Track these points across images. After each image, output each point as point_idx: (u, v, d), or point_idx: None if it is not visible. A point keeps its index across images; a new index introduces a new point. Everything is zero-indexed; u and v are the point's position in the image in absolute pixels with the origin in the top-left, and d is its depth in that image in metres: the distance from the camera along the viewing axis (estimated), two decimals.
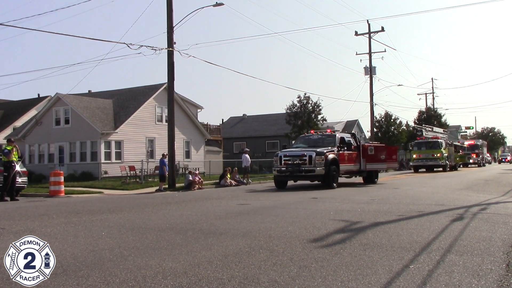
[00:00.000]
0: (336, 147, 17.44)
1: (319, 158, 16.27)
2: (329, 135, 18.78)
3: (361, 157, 18.94)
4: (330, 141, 17.94)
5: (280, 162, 17.08)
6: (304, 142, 18.88)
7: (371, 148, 19.49)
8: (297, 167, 16.57)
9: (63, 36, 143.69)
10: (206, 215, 8.71)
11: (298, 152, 17.22)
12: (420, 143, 37.06)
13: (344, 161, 17.68)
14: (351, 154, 18.42)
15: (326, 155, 16.46)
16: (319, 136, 18.95)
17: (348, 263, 4.58)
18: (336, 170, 16.97)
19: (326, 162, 16.29)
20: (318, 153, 16.43)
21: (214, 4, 21.65)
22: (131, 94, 34.71)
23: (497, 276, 4.10)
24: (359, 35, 40.91)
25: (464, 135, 64.69)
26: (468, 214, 8.34)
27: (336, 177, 17.03)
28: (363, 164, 19.00)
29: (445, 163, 35.38)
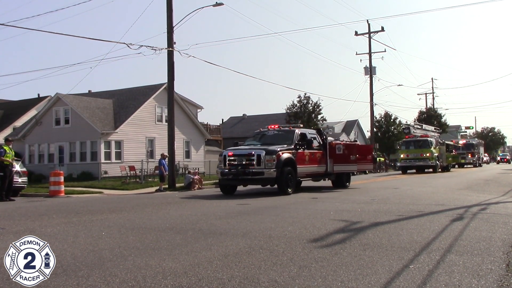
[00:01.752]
0: (293, 145, 14.67)
1: (269, 158, 13.54)
2: (287, 131, 15.89)
3: (327, 157, 16.28)
4: (288, 137, 15.10)
5: (224, 163, 14.27)
6: (259, 139, 16.03)
7: (339, 147, 16.71)
8: (242, 168, 13.75)
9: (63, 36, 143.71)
10: (206, 215, 8.71)
11: (245, 150, 14.29)
12: (408, 142, 34.70)
13: (304, 162, 14.95)
14: (315, 154, 15.66)
15: (279, 155, 13.75)
16: (275, 132, 16.05)
17: (348, 263, 4.58)
18: (292, 172, 14.13)
19: (278, 162, 13.58)
20: (269, 151, 13.71)
21: (214, 4, 21.65)
22: (131, 94, 34.71)
23: (497, 276, 4.10)
24: (359, 35, 40.93)
25: (464, 135, 64.64)
26: (468, 214, 8.34)
27: (293, 180, 14.20)
28: (330, 166, 16.32)
29: (435, 163, 32.89)
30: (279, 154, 13.81)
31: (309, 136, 15.88)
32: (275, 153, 13.76)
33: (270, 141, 15.24)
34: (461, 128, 74.77)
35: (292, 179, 14.16)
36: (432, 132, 37.96)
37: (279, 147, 14.16)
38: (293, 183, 14.27)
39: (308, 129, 17.17)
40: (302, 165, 14.82)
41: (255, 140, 16.02)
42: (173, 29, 21.27)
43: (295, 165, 14.29)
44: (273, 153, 13.74)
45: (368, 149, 20.16)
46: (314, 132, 16.83)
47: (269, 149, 13.92)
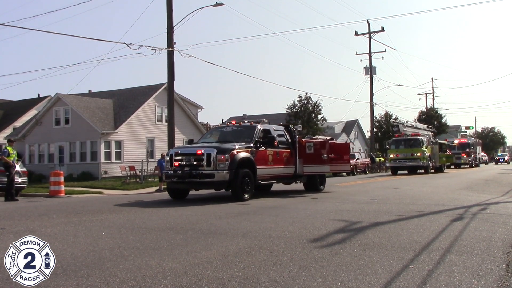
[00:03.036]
0: (253, 142, 12.67)
1: (221, 158, 11.50)
2: (247, 127, 13.83)
3: (296, 157, 14.42)
4: (248, 134, 13.14)
5: (171, 163, 12.28)
6: (215, 136, 14.37)
7: (310, 145, 14.65)
8: (190, 170, 11.72)
9: (63, 36, 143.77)
10: (206, 215, 8.71)
11: (193, 149, 12.28)
12: (398, 141, 32.48)
13: (266, 162, 12.96)
14: (280, 153, 13.71)
15: (233, 154, 11.71)
16: (233, 128, 14.17)
17: (348, 263, 4.58)
18: (250, 174, 12.10)
19: (232, 163, 11.57)
20: (221, 150, 11.71)
21: (214, 4, 21.68)
22: (131, 94, 34.72)
23: (497, 276, 4.10)
24: (359, 35, 40.99)
25: (464, 135, 64.48)
26: (468, 214, 8.34)
27: (250, 184, 12.10)
28: (299, 166, 14.44)
29: (427, 163, 30.63)
30: (233, 153, 11.75)
31: (274, 132, 13.99)
32: (228, 151, 11.70)
33: (227, 138, 13.45)
34: (461, 128, 74.70)
35: (250, 183, 12.06)
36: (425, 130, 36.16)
37: (235, 145, 12.18)
38: (251, 188, 12.12)
39: (275, 125, 15.09)
40: (264, 166, 12.86)
41: (211, 137, 14.40)
42: (173, 29, 21.28)
43: (254, 166, 12.28)
44: (225, 152, 11.66)
45: (345, 148, 17.52)
46: (281, 128, 14.81)
47: (221, 147, 11.96)
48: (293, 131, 14.93)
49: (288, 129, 15.04)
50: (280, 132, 14.45)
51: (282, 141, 14.07)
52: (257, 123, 13.88)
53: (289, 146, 14.35)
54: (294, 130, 14.94)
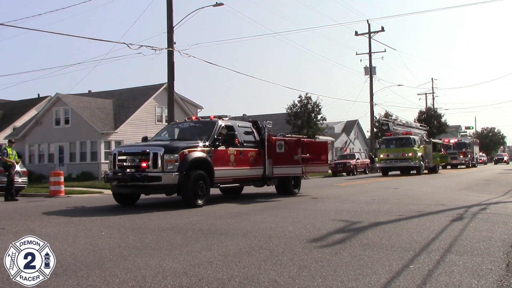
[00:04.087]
0: (211, 140, 11.14)
1: (169, 158, 10.05)
2: (206, 123, 12.30)
3: (265, 157, 12.95)
4: (205, 131, 11.55)
5: (114, 164, 10.72)
6: (172, 133, 12.90)
7: (280, 144, 13.04)
8: (133, 172, 10.21)
9: (63, 36, 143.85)
10: (206, 215, 8.71)
11: (137, 148, 10.86)
12: (388, 140, 30.60)
13: (227, 163, 11.53)
14: (245, 152, 12.22)
15: (183, 153, 10.21)
16: (191, 125, 12.75)
17: (348, 263, 4.58)
18: (205, 177, 10.61)
19: (182, 164, 10.09)
20: (169, 149, 10.23)
21: (214, 4, 21.69)
22: (131, 94, 34.74)
23: (497, 276, 4.11)
24: (359, 35, 40.97)
25: (464, 135, 64.40)
26: (468, 214, 8.34)
27: (205, 188, 10.60)
28: (268, 167, 12.95)
29: (419, 164, 28.65)
30: (184, 152, 10.26)
31: (240, 129, 12.57)
32: (177, 151, 10.21)
33: (183, 135, 12.24)
34: (461, 128, 74.65)
35: (205, 187, 10.58)
36: (417, 129, 34.28)
37: (188, 143, 10.82)
38: (206, 192, 10.65)
39: (240, 120, 13.62)
40: (224, 167, 11.39)
41: (167, 135, 12.85)
42: (173, 29, 21.28)
43: (210, 168, 10.79)
44: (174, 151, 10.18)
45: (323, 147, 15.66)
46: (249, 125, 13.27)
47: (170, 145, 10.50)
48: (262, 128, 13.36)
49: (256, 125, 13.47)
50: (247, 129, 12.99)
51: (248, 139, 12.67)
52: (218, 119, 12.24)
53: (257, 145, 12.89)
54: (264, 127, 13.32)
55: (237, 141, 11.89)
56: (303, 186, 16.85)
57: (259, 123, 13.63)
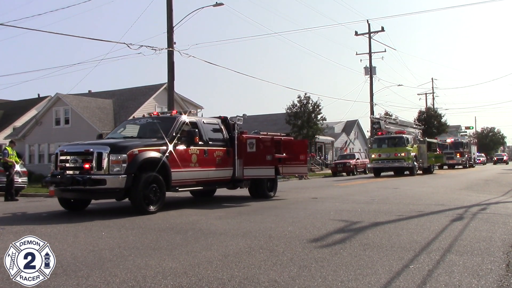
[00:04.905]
0: (170, 138, 9.98)
1: (116, 159, 8.88)
2: (165, 118, 11.18)
3: (235, 157, 11.79)
4: (165, 127, 10.33)
5: (56, 165, 9.54)
6: (128, 131, 11.58)
7: (252, 142, 11.89)
8: (75, 174, 9.05)
9: (63, 36, 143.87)
10: (206, 215, 8.71)
11: (80, 146, 9.63)
12: (380, 139, 29.15)
13: (188, 164, 10.31)
14: (211, 152, 11.01)
15: (133, 153, 9.04)
16: (148, 121, 11.34)
17: (348, 263, 4.58)
18: (159, 180, 9.41)
19: (131, 165, 8.94)
20: (116, 148, 9.06)
21: (214, 4, 21.70)
22: (131, 94, 34.75)
23: (497, 276, 4.11)
24: (359, 35, 40.94)
25: (464, 134, 64.30)
26: (468, 214, 8.34)
27: (159, 193, 9.43)
28: (238, 168, 11.77)
29: (412, 164, 27.41)
30: (133, 152, 9.08)
31: (207, 126, 11.37)
32: (125, 150, 9.01)
33: (139, 133, 11.07)
34: (461, 128, 74.58)
35: (159, 191, 9.42)
36: (411, 128, 32.92)
37: (140, 142, 9.77)
38: (161, 196, 9.47)
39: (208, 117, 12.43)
40: (185, 169, 10.19)
41: (123, 132, 11.49)
42: (173, 29, 21.28)
43: (166, 169, 9.62)
44: (122, 151, 9.00)
45: (300, 145, 14.45)
46: (217, 121, 11.96)
47: (117, 144, 9.32)
48: (232, 125, 12.15)
49: (226, 122, 12.18)
50: (214, 126, 11.72)
51: (216, 138, 11.48)
52: (181, 114, 11.21)
53: (226, 144, 11.70)
54: (234, 124, 12.14)
55: (197, 139, 10.45)
56: (300, 187, 16.82)
57: (229, 119, 12.31)
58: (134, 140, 10.06)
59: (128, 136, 10.91)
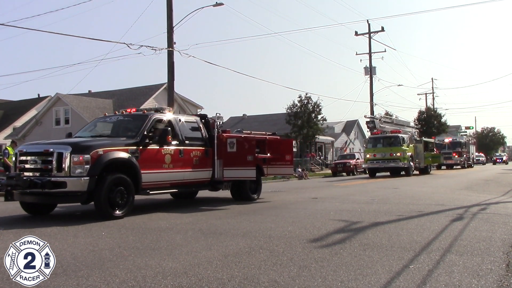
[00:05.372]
0: (140, 137, 9.30)
1: (78, 160, 8.15)
2: (137, 116, 10.30)
3: (214, 157, 11.04)
4: (135, 126, 9.73)
5: (15, 167, 8.95)
6: (98, 129, 10.67)
7: (232, 142, 11.09)
8: (33, 176, 8.37)
9: (63, 36, 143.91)
10: (206, 215, 8.71)
11: (39, 146, 8.94)
12: (376, 139, 28.43)
13: (161, 165, 9.62)
14: (187, 152, 10.33)
15: (96, 153, 8.32)
16: (119, 118, 10.66)
17: (348, 263, 4.59)
18: (127, 182, 8.71)
19: (95, 166, 8.23)
20: (78, 148, 8.35)
21: (214, 4, 21.72)
22: (131, 94, 34.76)
23: (497, 276, 4.11)
24: (359, 35, 40.93)
25: (464, 134, 64.26)
26: (468, 214, 8.35)
27: (126, 196, 8.71)
28: (218, 170, 11.02)
29: (408, 164, 26.71)
30: (98, 152, 8.36)
31: (184, 125, 10.70)
32: (88, 150, 8.30)
33: (108, 131, 10.40)
34: (461, 128, 74.54)
35: (127, 194, 8.71)
36: (408, 127, 32.10)
37: (107, 141, 9.11)
38: (129, 200, 8.74)
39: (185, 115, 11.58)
40: (157, 170, 9.54)
41: (93, 131, 10.53)
42: (173, 29, 21.29)
43: (135, 170, 8.93)
44: (84, 151, 8.28)
45: (285, 145, 13.65)
46: (195, 120, 11.34)
47: (79, 144, 8.61)
48: (211, 123, 11.46)
49: (205, 120, 11.51)
50: (192, 124, 11.05)
51: (194, 137, 10.79)
52: (156, 111, 10.50)
53: (205, 143, 11.01)
54: (214, 122, 11.43)
55: (169, 138, 9.70)
56: (300, 187, 16.83)
57: (208, 117, 11.69)
58: (100, 139, 9.33)
59: (96, 135, 10.09)
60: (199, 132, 11.07)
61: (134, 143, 9.16)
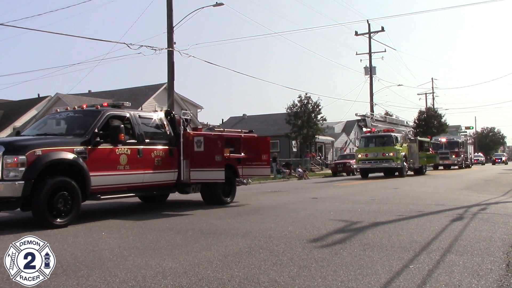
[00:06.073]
0: (90, 135, 8.32)
1: (11, 161, 7.20)
2: (89, 112, 9.21)
3: (180, 157, 10.05)
4: (86, 123, 8.74)
5: None
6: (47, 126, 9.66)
7: (199, 140, 10.05)
8: None
9: (63, 36, 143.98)
10: (206, 215, 8.71)
11: None
12: (368, 138, 27.27)
13: (115, 166, 8.63)
14: (148, 152, 9.38)
15: (34, 154, 7.37)
16: (69, 115, 9.47)
17: (348, 263, 4.59)
18: (71, 186, 7.68)
19: (32, 168, 7.28)
20: (13, 148, 7.41)
21: (214, 4, 21.72)
22: (131, 94, 34.78)
23: (497, 276, 4.11)
24: (359, 35, 40.94)
25: (464, 134, 64.20)
26: (468, 214, 8.35)
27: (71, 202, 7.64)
28: (185, 171, 10.02)
29: (402, 165, 25.48)
30: (36, 152, 7.41)
31: (142, 121, 9.65)
32: (24, 150, 7.34)
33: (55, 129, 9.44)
34: (461, 128, 74.44)
35: (71, 199, 7.67)
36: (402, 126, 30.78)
37: (49, 140, 8.09)
38: (74, 206, 7.70)
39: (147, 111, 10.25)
40: (110, 172, 8.57)
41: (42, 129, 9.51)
42: (173, 29, 21.29)
43: (83, 173, 7.94)
44: (19, 151, 7.32)
45: (263, 143, 12.47)
46: (159, 116, 10.36)
47: (14, 143, 7.71)
48: (178, 120, 10.47)
49: (170, 117, 10.54)
50: (155, 122, 10.13)
51: (156, 135, 9.93)
52: (112, 107, 9.52)
53: (170, 142, 10.06)
54: (180, 119, 10.47)
55: (122, 136, 8.53)
56: (300, 187, 16.82)
57: (174, 114, 10.77)
58: (41, 138, 8.31)
59: (42, 133, 9.03)
60: (162, 130, 10.15)
61: (82, 142, 8.18)
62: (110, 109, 9.29)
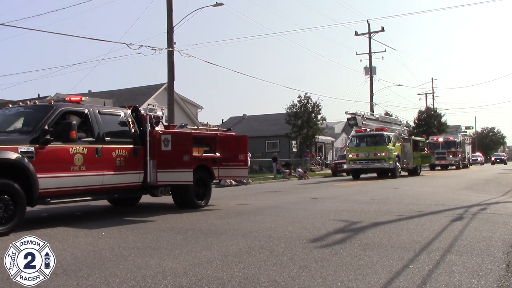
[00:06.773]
0: (39, 132, 7.47)
1: None
2: (39, 108, 8.41)
3: (147, 157, 9.33)
4: (36, 119, 7.89)
5: None
6: None
7: (167, 139, 9.39)
8: None
9: (63, 36, 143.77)
10: (206, 215, 8.71)
11: None
12: (359, 137, 26.19)
13: (68, 167, 7.78)
14: (108, 151, 8.56)
15: None
16: (19, 110, 8.64)
17: (348, 263, 4.59)
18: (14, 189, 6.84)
19: None
20: None
21: (214, 4, 21.72)
22: (131, 94, 34.79)
23: (497, 276, 4.11)
24: (359, 35, 40.93)
25: (464, 134, 64.16)
26: (468, 214, 8.35)
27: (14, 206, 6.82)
28: (152, 172, 9.31)
29: (394, 165, 24.24)
30: None
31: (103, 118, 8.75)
32: None
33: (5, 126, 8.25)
34: (461, 128, 74.36)
35: (13, 205, 6.83)
36: (396, 124, 29.62)
37: None
38: (15, 213, 6.86)
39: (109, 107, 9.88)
40: (63, 173, 7.73)
41: None
42: (173, 29, 21.29)
43: (28, 174, 7.07)
44: None
45: (240, 142, 11.53)
46: (120, 112, 9.46)
47: None
48: (144, 117, 9.72)
49: (136, 114, 9.72)
50: (117, 118, 9.25)
51: (118, 132, 9.12)
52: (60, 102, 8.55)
53: (135, 141, 9.27)
54: (147, 116, 9.78)
55: (74, 134, 7.65)
56: (300, 187, 16.81)
57: (140, 110, 10.02)
58: None
59: None
60: (126, 128, 9.27)
61: (29, 140, 7.33)
62: (64, 104, 8.36)
